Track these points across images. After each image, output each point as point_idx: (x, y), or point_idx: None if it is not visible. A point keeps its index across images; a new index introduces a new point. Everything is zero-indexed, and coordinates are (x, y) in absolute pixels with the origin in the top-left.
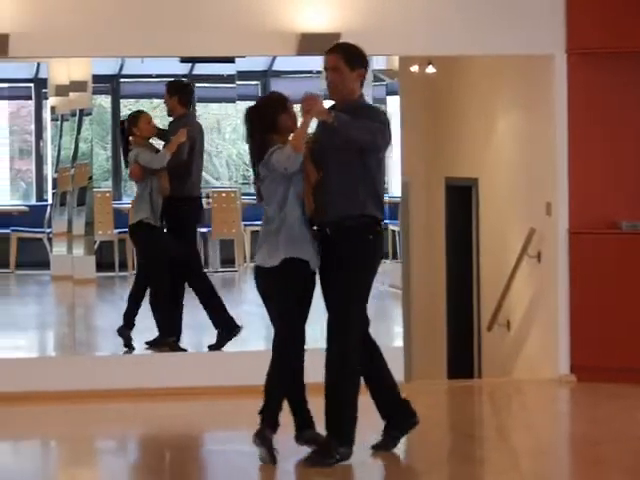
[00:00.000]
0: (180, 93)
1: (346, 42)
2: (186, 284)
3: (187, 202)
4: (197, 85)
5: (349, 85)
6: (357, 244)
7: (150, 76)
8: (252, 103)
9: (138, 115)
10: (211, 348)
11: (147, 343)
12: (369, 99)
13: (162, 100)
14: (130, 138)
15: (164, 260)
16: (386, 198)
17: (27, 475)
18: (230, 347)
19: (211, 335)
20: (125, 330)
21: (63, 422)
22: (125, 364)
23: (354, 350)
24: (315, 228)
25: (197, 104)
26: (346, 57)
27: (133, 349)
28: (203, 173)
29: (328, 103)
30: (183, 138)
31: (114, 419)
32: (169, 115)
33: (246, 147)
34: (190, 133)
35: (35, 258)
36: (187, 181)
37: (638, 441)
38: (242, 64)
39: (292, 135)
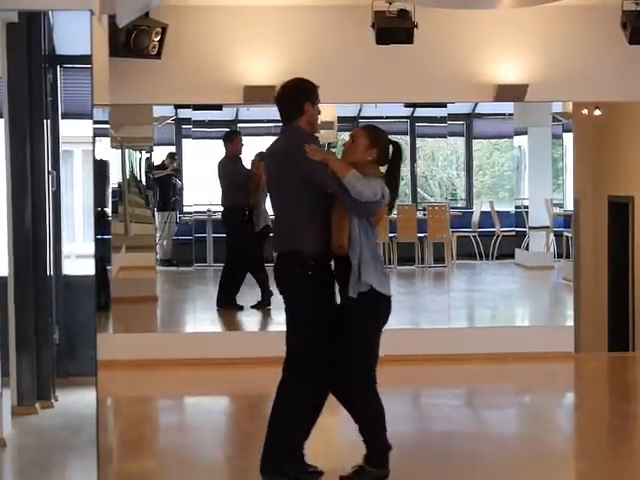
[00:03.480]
0: None
1: None
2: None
3: None
4: (417, 124)
5: None
6: None
7: (382, 117)
8: (460, 139)
9: None
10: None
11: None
12: (549, 137)
13: (398, 137)
14: None
15: None
16: (561, 211)
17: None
18: (433, 324)
19: None
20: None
21: None
22: None
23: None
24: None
25: (417, 139)
26: None
27: None
28: (419, 190)
29: None
30: None
31: None
32: None
33: (454, 172)
34: None
35: None
36: None
37: None
38: (451, 108)
39: None
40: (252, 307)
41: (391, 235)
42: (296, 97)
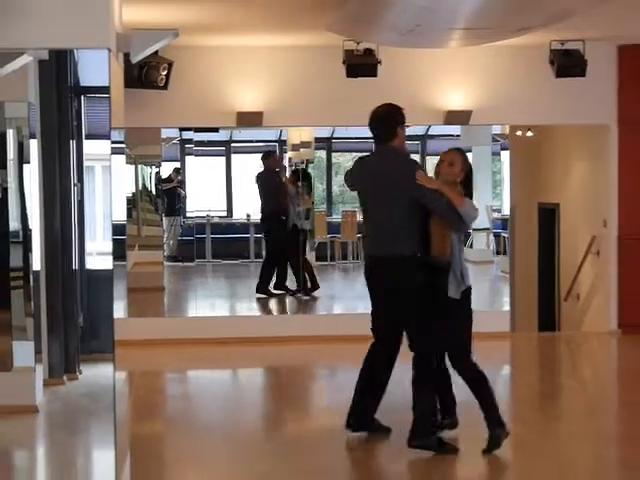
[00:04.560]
0: None
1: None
2: None
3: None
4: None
5: None
6: None
7: (351, 138)
8: (416, 156)
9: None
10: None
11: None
12: (489, 154)
13: (359, 154)
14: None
15: None
16: (499, 215)
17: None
18: None
19: None
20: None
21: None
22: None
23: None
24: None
25: None
26: None
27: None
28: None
29: None
30: None
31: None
32: None
33: None
34: None
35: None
36: None
37: None
38: (409, 130)
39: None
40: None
41: (358, 235)
42: (390, 121)
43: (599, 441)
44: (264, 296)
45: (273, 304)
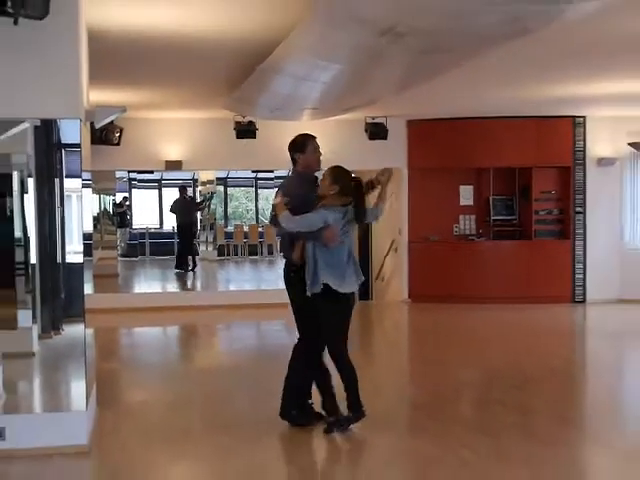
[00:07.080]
0: None
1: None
2: None
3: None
4: (259, 181)
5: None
6: None
7: (240, 177)
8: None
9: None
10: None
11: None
12: None
13: (247, 189)
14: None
15: None
16: None
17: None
18: (269, 287)
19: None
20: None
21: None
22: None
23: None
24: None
25: (258, 189)
26: None
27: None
28: (260, 216)
29: None
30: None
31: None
32: None
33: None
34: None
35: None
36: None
37: (438, 327)
38: (277, 173)
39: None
40: (188, 270)
41: (244, 240)
42: (290, 150)
43: (398, 374)
44: (180, 270)
45: (190, 284)
